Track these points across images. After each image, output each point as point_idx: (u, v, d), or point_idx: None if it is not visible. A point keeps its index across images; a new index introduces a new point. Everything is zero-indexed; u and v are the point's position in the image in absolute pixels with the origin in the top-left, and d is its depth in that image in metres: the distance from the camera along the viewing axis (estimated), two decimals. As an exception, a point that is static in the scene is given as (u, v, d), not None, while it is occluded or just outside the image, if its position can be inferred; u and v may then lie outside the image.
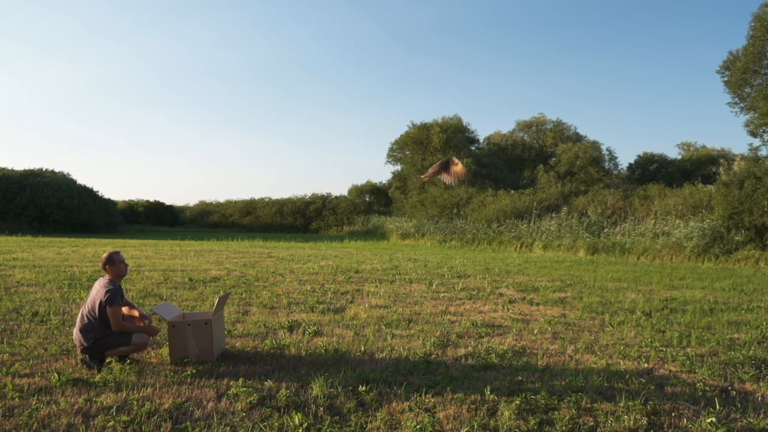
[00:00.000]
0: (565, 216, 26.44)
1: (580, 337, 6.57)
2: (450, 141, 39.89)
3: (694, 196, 23.32)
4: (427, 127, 41.23)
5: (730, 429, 3.75)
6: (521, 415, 3.97)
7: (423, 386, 4.59)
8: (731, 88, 22.49)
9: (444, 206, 34.88)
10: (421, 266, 15.18)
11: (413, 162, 41.99)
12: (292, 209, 49.29)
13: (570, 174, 37.39)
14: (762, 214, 17.93)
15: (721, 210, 19.31)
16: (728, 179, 20.40)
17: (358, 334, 6.61)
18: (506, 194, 32.12)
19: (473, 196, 34.00)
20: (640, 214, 24.74)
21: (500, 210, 29.90)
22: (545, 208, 28.83)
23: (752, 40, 20.93)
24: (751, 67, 21.13)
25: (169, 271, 12.72)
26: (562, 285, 11.48)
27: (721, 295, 10.16)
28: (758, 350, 5.94)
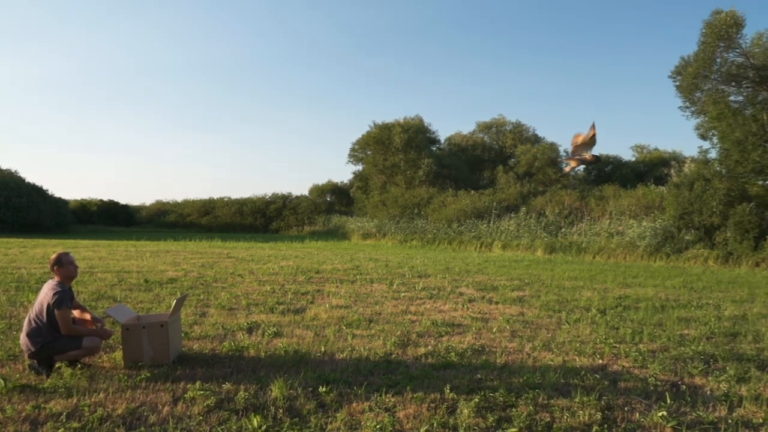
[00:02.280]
0: (524, 216, 26.87)
1: (538, 335, 6.68)
2: (411, 141, 40.02)
3: (647, 197, 24.00)
4: (388, 127, 41.27)
5: (681, 422, 3.87)
6: (480, 413, 4.02)
7: (383, 386, 4.60)
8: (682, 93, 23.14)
9: (405, 206, 35.00)
10: (382, 266, 15.21)
11: (375, 162, 41.99)
12: (252, 209, 48.66)
13: (529, 175, 37.96)
14: (710, 214, 18.57)
15: (672, 210, 19.93)
16: (679, 181, 21.06)
17: (319, 334, 6.58)
18: (466, 194, 32.43)
19: (434, 197, 34.22)
20: (596, 214, 25.33)
21: (460, 210, 30.18)
22: (504, 208, 29.23)
23: (703, 46, 21.61)
24: (702, 72, 21.80)
25: (124, 273, 12.43)
26: (521, 284, 11.67)
27: (671, 293, 10.48)
28: (707, 346, 6.15)
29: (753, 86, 22.08)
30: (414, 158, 39.69)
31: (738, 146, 20.09)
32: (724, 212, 18.33)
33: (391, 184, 40.86)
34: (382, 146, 41.20)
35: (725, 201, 18.39)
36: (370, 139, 42.34)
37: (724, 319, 7.84)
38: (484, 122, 48.97)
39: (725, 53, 21.65)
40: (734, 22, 21.00)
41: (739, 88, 22.45)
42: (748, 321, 7.72)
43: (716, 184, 18.93)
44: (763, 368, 5.27)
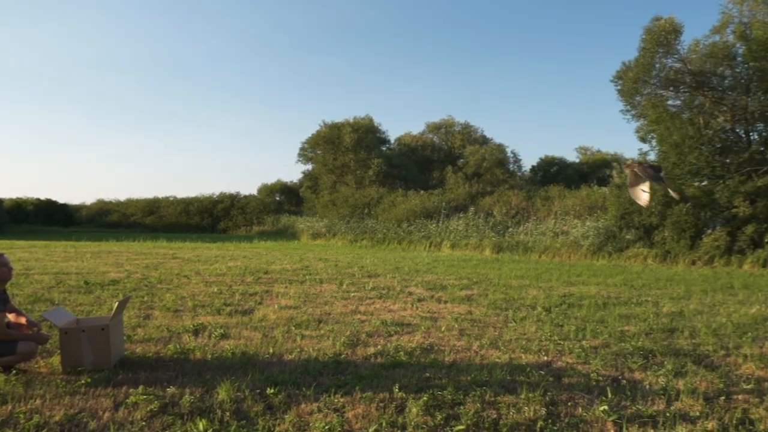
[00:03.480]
0: (472, 216, 27.27)
1: (485, 333, 6.78)
2: (361, 141, 40.05)
3: (591, 198, 24.74)
4: (338, 126, 41.17)
5: (621, 416, 3.98)
6: (428, 411, 4.04)
7: (332, 386, 4.56)
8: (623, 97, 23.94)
9: (355, 206, 34.99)
10: (332, 266, 15.14)
11: (324, 161, 41.81)
12: (199, 208, 47.65)
13: (477, 175, 38.58)
14: (650, 214, 19.28)
15: (614, 210, 20.60)
16: (620, 182, 21.76)
17: (267, 335, 6.49)
18: (416, 194, 32.66)
19: (384, 196, 34.34)
20: (542, 214, 25.95)
21: (410, 210, 30.37)
22: (453, 208, 29.59)
23: (643, 51, 22.43)
24: (642, 77, 22.60)
25: (62, 274, 11.96)
26: (469, 283, 11.82)
27: (613, 291, 10.82)
28: (646, 341, 6.37)
29: (690, 91, 23.05)
30: (364, 158, 39.72)
31: (675, 149, 20.95)
32: (662, 212, 19.07)
33: (341, 183, 40.77)
34: (332, 146, 41.07)
35: (663, 202, 19.12)
36: (320, 139, 42.15)
37: (662, 315, 8.13)
38: (433, 123, 49.52)
39: (664, 59, 22.53)
40: (673, 29, 21.89)
41: (676, 92, 23.40)
42: (684, 317, 8.04)
43: (655, 186, 19.63)
44: (698, 363, 5.49)
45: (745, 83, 21.97)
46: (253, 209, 46.30)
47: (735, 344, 6.27)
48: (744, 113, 21.85)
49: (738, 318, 7.89)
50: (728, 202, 18.54)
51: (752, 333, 6.88)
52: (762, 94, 21.40)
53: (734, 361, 5.56)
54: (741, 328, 7.17)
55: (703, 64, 22.33)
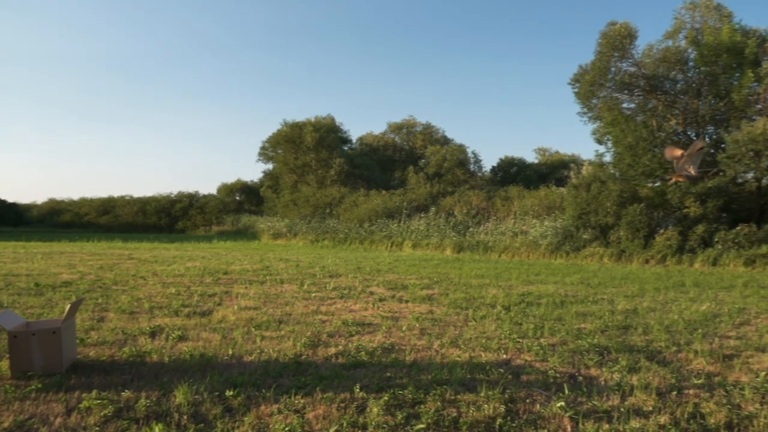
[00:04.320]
0: (434, 216, 27.45)
1: (446, 332, 6.82)
2: (323, 140, 39.85)
3: (549, 198, 25.19)
4: (299, 125, 40.87)
5: (578, 412, 4.06)
6: (389, 411, 4.04)
7: (293, 387, 4.53)
8: (580, 99, 24.50)
9: (317, 206, 34.82)
10: (293, 266, 15.03)
11: (286, 161, 41.46)
12: (156, 208, 46.66)
13: (438, 175, 38.84)
14: (606, 214, 19.75)
15: (571, 210, 21.04)
16: (577, 182, 22.27)
17: (226, 337, 6.40)
18: (378, 194, 32.69)
19: (345, 196, 34.26)
20: (502, 214, 26.30)
21: (372, 210, 30.38)
22: (415, 208, 29.73)
23: (599, 55, 22.99)
24: (598, 80, 23.17)
25: (11, 276, 11.54)
26: (430, 282, 11.89)
27: (570, 289, 11.04)
28: (601, 338, 6.51)
29: (644, 94, 23.73)
30: (325, 157, 39.56)
31: (630, 150, 21.53)
32: (617, 212, 19.56)
33: (302, 183, 40.50)
34: (293, 145, 40.77)
35: (618, 202, 19.62)
36: (281, 138, 41.79)
37: (617, 313, 8.33)
38: (395, 123, 49.65)
39: (619, 63, 23.15)
40: (628, 34, 22.50)
41: (631, 95, 24.07)
42: (638, 314, 8.25)
43: (610, 186, 20.17)
44: (651, 359, 5.64)
45: (696, 87, 22.74)
46: (212, 209, 45.62)
47: (686, 340, 6.47)
48: (695, 116, 22.62)
49: (689, 315, 8.14)
50: (680, 202, 19.15)
51: (702, 329, 7.10)
52: (712, 98, 22.18)
53: (685, 357, 5.74)
54: (692, 325, 7.40)
55: (657, 69, 23.02)
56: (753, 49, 20.52)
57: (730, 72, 21.47)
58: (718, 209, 18.89)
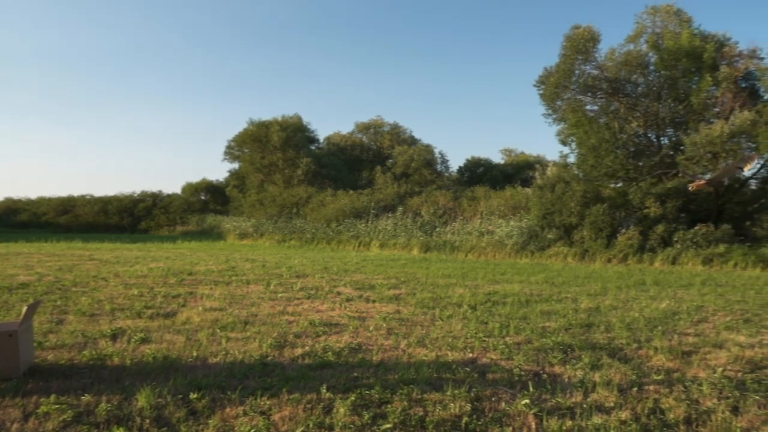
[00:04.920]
0: (401, 216, 27.54)
1: (413, 332, 6.85)
2: (290, 140, 39.57)
3: (514, 198, 25.51)
4: (266, 125, 40.47)
5: (542, 409, 4.12)
6: (356, 411, 4.04)
7: (258, 389, 4.48)
8: (545, 101, 24.86)
9: (283, 206, 34.57)
10: (259, 266, 14.89)
11: (252, 160, 41.04)
12: (118, 208, 45.63)
13: (405, 175, 38.96)
14: (570, 214, 20.09)
15: (536, 211, 21.34)
16: (542, 183, 22.59)
17: (191, 338, 6.30)
18: (345, 194, 32.63)
19: (313, 196, 34.10)
20: (468, 214, 26.53)
21: (339, 210, 30.32)
22: (382, 208, 29.77)
23: (563, 58, 23.37)
24: (562, 82, 23.53)
25: (-33, 278, 11.17)
26: (397, 282, 11.91)
27: (535, 288, 11.19)
28: (565, 336, 6.62)
29: (606, 97, 24.19)
30: (292, 157, 39.29)
31: (593, 152, 21.95)
32: (581, 212, 19.91)
33: (268, 183, 40.16)
34: (260, 144, 40.38)
35: (582, 202, 19.98)
36: (247, 137, 41.34)
37: (580, 311, 8.48)
38: (362, 123, 49.58)
39: (583, 65, 23.55)
40: (591, 37, 22.91)
41: (594, 98, 24.51)
42: (601, 312, 8.42)
43: (574, 187, 20.52)
44: (613, 356, 5.76)
45: (656, 91, 23.29)
46: (176, 208, 44.87)
47: (646, 337, 6.62)
48: (655, 119, 23.17)
49: (649, 313, 8.33)
50: (641, 202, 19.60)
51: (662, 327, 7.28)
52: (672, 102, 22.75)
53: (646, 354, 5.87)
54: (652, 322, 7.58)
55: (619, 72, 23.50)
56: (711, 53, 21.13)
57: (689, 76, 22.08)
58: (677, 209, 19.39)
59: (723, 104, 21.50)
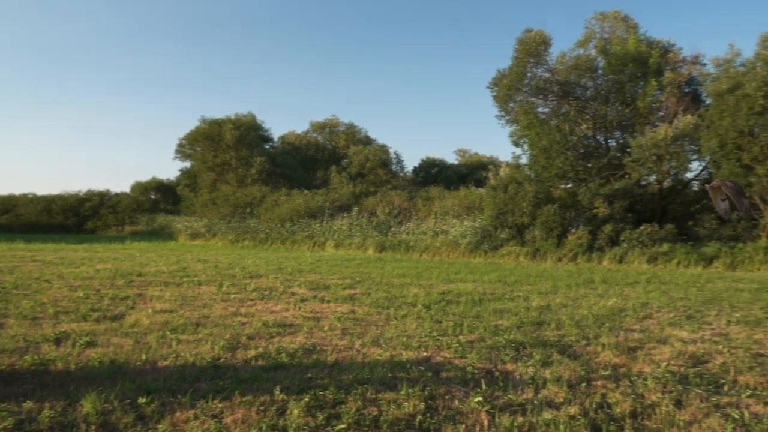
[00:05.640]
0: (356, 216, 27.52)
1: (368, 332, 6.85)
2: (243, 138, 39.00)
3: (468, 198, 25.83)
4: (219, 123, 39.74)
5: (494, 406, 4.18)
6: (310, 412, 4.01)
7: (210, 392, 4.40)
8: (499, 103, 25.27)
9: (237, 205, 34.09)
10: (212, 267, 14.64)
11: (204, 159, 40.27)
12: (63, 207, 44.00)
13: (361, 175, 38.93)
14: (522, 214, 20.46)
15: (490, 211, 21.67)
16: (495, 183, 22.96)
17: (139, 341, 6.13)
18: (300, 194, 32.41)
19: (267, 196, 33.75)
20: (423, 214, 26.72)
21: (294, 209, 30.10)
22: (337, 208, 29.69)
23: (516, 61, 23.80)
24: (515, 85, 23.97)
25: None
26: (352, 282, 11.90)
27: (488, 287, 11.35)
28: (517, 334, 6.74)
29: (557, 100, 24.78)
30: (246, 156, 38.75)
31: (544, 153, 22.44)
32: (532, 213, 20.32)
33: (221, 182, 39.51)
34: (212, 143, 39.64)
35: (534, 202, 20.38)
36: (199, 135, 40.52)
37: (532, 309, 8.65)
38: (317, 122, 49.29)
39: (535, 68, 24.05)
40: (542, 41, 23.42)
41: (545, 100, 25.06)
42: (551, 310, 8.60)
43: (526, 187, 20.93)
44: (563, 352, 5.89)
45: (604, 94, 23.99)
46: (125, 208, 43.65)
47: (595, 334, 6.80)
48: (604, 122, 23.86)
49: (597, 310, 8.56)
50: (590, 203, 20.14)
51: (609, 323, 7.49)
52: (619, 105, 23.48)
53: (594, 350, 6.03)
54: (600, 320, 7.79)
55: (569, 75, 24.11)
56: (656, 59, 21.90)
57: (636, 80, 22.83)
58: (624, 210, 20.00)
59: (667, 108, 22.32)
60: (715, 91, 19.59)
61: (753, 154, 17.74)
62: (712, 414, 4.09)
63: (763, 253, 16.25)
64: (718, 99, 19.25)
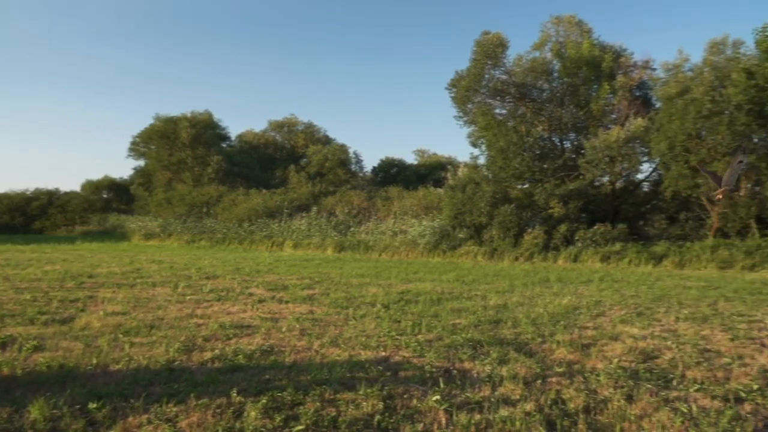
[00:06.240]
0: (315, 215, 27.37)
1: (326, 332, 6.81)
2: (200, 137, 38.31)
3: (427, 198, 25.98)
4: (174, 121, 38.91)
5: (452, 404, 4.21)
6: (267, 414, 3.96)
7: (164, 395, 4.30)
8: (457, 104, 25.55)
9: (193, 205, 33.47)
10: (167, 268, 14.34)
11: (159, 157, 39.38)
12: (9, 206, 42.34)
13: (320, 175, 38.73)
14: (479, 214, 20.71)
15: (448, 211, 21.86)
16: (454, 184, 23.17)
17: (90, 345, 5.95)
18: (258, 193, 32.04)
19: (224, 195, 33.24)
20: (382, 214, 26.76)
21: (252, 209, 29.75)
22: (296, 208, 29.47)
23: (474, 62, 24.10)
24: (473, 86, 24.26)
25: None
26: (311, 282, 11.83)
27: (447, 286, 11.45)
28: (475, 333, 6.81)
29: (514, 101, 25.18)
30: (203, 155, 38.09)
31: (501, 154, 22.77)
32: (490, 213, 20.58)
33: (177, 181, 38.72)
34: (168, 141, 38.81)
35: (491, 202, 20.65)
36: (154, 133, 39.61)
37: (489, 308, 8.75)
38: (276, 121, 48.83)
39: (492, 70, 24.39)
40: (500, 43, 23.77)
41: (503, 102, 25.44)
42: (508, 309, 8.73)
43: (484, 187, 21.19)
44: (519, 350, 5.98)
45: (560, 97, 24.50)
46: (75, 207, 42.30)
47: (550, 332, 6.93)
48: (559, 124, 24.36)
49: (553, 308, 8.73)
50: (545, 203, 20.53)
51: (564, 321, 7.65)
52: (574, 107, 24.01)
53: (549, 347, 6.14)
54: (555, 317, 7.95)
55: (525, 78, 24.53)
56: (609, 63, 22.49)
57: (590, 84, 23.40)
58: (578, 210, 20.47)
59: (620, 111, 22.95)
60: (664, 95, 20.26)
61: (700, 156, 18.40)
62: (661, 408, 4.21)
63: (710, 252, 16.86)
64: (667, 103, 19.90)
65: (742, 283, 12.52)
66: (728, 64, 19.47)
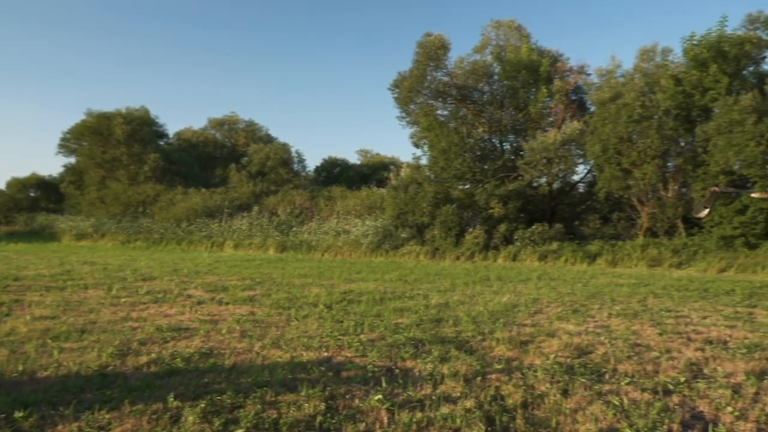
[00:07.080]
0: (256, 215, 26.98)
1: (268, 333, 6.71)
2: (135, 134, 37.04)
3: (370, 198, 26.03)
4: (108, 117, 37.45)
5: (394, 403, 4.23)
6: (206, 418, 3.87)
7: (97, 402, 4.13)
8: (400, 104, 25.75)
9: (128, 204, 32.39)
10: (100, 269, 13.81)
11: (92, 154, 37.84)
12: (-75, 206, 40.01)
13: (261, 174, 38.16)
14: (422, 214, 20.91)
15: (391, 210, 21.97)
16: (396, 184, 23.32)
17: (16, 351, 5.66)
18: (197, 192, 31.32)
19: (161, 194, 32.32)
20: (325, 214, 26.63)
21: (190, 209, 29.06)
22: (237, 207, 28.96)
23: (416, 64, 24.33)
24: (415, 87, 24.49)
25: None
26: (252, 283, 11.64)
27: (389, 286, 11.49)
28: (417, 332, 6.86)
29: (456, 103, 25.55)
30: (138, 152, 36.86)
31: (443, 155, 23.06)
32: (432, 212, 20.81)
33: (111, 179, 37.35)
34: (101, 137, 37.32)
35: (433, 202, 20.89)
36: (86, 129, 38.01)
37: (431, 307, 8.84)
38: (216, 118, 47.81)
39: (434, 72, 24.68)
40: (442, 45, 24.08)
41: (445, 103, 25.77)
42: (449, 308, 8.84)
43: (426, 188, 21.41)
44: (460, 348, 6.06)
45: (500, 99, 25.03)
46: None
47: (490, 330, 7.06)
48: (499, 125, 24.89)
49: (493, 306, 8.90)
50: (486, 203, 20.93)
51: (503, 319, 7.81)
52: (513, 110, 24.59)
53: (489, 345, 6.25)
54: (495, 315, 8.10)
55: (467, 80, 24.93)
56: (546, 67, 23.15)
57: (528, 87, 24.02)
58: (517, 210, 20.97)
59: (556, 114, 23.67)
60: (598, 100, 21.05)
61: (631, 158, 19.19)
62: (595, 401, 4.36)
63: (640, 251, 17.62)
64: (600, 107, 20.68)
65: (670, 280, 13.12)
66: (657, 70, 20.44)
